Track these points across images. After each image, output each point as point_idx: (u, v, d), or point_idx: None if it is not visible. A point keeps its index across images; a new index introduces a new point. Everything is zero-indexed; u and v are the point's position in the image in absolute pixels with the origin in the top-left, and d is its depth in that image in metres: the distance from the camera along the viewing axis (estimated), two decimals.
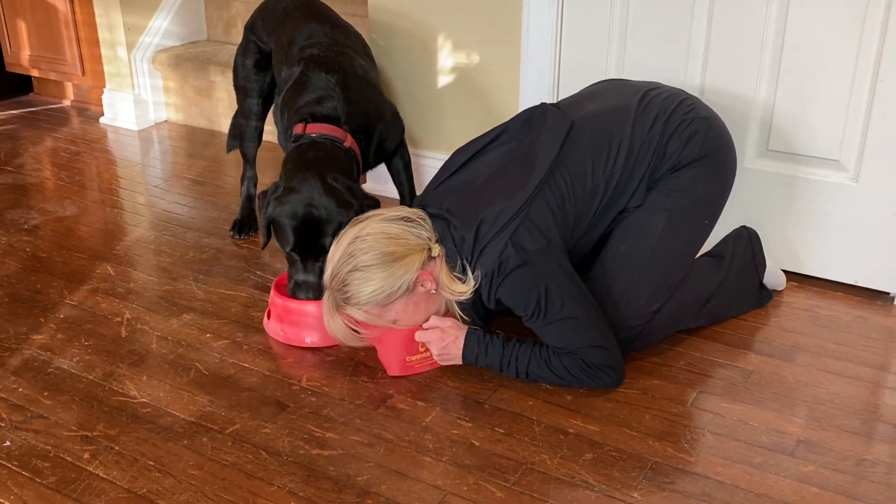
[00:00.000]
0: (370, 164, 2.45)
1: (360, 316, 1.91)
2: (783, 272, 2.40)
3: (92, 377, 2.03)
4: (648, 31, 2.45)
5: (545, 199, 1.92)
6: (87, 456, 1.77)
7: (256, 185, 2.82)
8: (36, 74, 4.10)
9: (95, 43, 3.81)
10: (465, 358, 1.98)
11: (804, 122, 2.32)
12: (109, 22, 3.70)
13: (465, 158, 2.06)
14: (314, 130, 2.24)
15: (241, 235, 2.74)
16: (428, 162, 2.93)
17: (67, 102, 4.19)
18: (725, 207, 2.14)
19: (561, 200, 1.94)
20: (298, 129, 2.26)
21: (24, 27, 3.97)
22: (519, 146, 2.02)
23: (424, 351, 2.01)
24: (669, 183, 2.01)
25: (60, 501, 1.65)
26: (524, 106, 2.65)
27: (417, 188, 2.63)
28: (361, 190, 2.19)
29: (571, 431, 1.84)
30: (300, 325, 2.14)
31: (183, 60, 3.69)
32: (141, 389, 1.99)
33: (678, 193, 2.00)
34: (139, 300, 2.37)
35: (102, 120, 3.89)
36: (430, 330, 1.98)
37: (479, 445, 1.80)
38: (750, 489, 1.67)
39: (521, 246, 1.87)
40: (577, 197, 1.96)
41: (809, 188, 2.36)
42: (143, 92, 3.81)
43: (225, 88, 3.64)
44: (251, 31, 2.69)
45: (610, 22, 2.49)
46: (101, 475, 1.71)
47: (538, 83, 2.65)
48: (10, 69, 4.14)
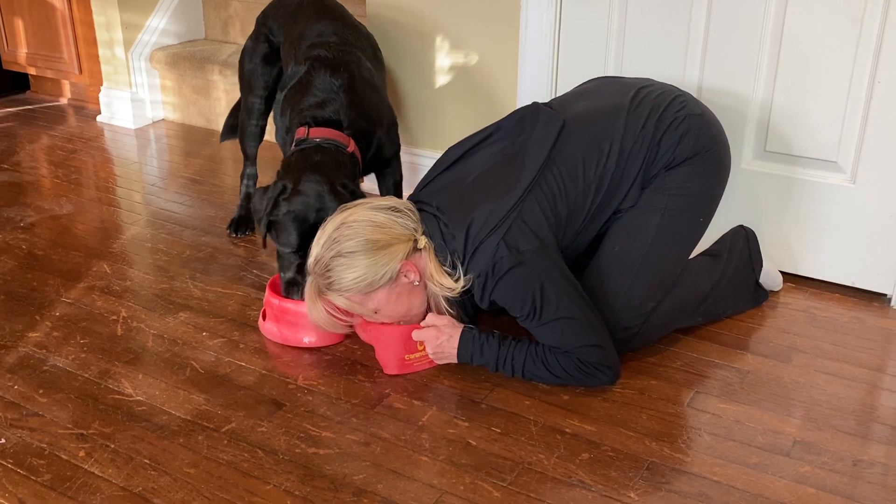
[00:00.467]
0: (363, 170, 2.42)
1: (341, 303, 1.91)
2: (780, 273, 2.40)
3: (87, 375, 2.03)
4: (646, 31, 2.45)
5: (537, 198, 1.92)
6: (82, 454, 1.76)
7: (256, 183, 2.81)
8: (33, 72, 4.09)
9: (93, 41, 3.81)
10: (460, 357, 1.98)
11: (802, 123, 2.32)
12: (107, 20, 3.70)
13: (457, 155, 2.06)
14: (318, 135, 2.22)
15: (238, 234, 2.74)
16: (425, 161, 2.93)
17: (64, 100, 4.19)
18: (723, 208, 2.14)
19: (553, 200, 1.94)
20: (301, 132, 2.25)
21: (21, 25, 3.96)
22: (511, 145, 2.02)
23: (422, 349, 2.01)
24: (664, 181, 2.00)
25: (56, 499, 1.64)
26: (522, 105, 2.64)
27: (413, 188, 2.62)
28: (363, 193, 2.17)
29: (568, 431, 1.84)
30: (297, 325, 2.13)
31: (180, 59, 3.68)
32: (137, 387, 1.98)
33: (673, 192, 2.00)
34: (135, 298, 2.37)
35: (99, 118, 3.88)
36: (426, 328, 1.98)
37: (475, 445, 1.80)
38: (746, 489, 1.67)
39: (514, 246, 1.87)
40: (569, 196, 1.95)
41: (807, 189, 2.36)
42: (140, 90, 3.80)
43: (222, 87, 3.63)
44: (263, 23, 2.68)
45: (608, 22, 2.49)
46: (96, 473, 1.71)
47: (536, 83, 2.65)
48: (6, 67, 4.13)
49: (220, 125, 3.71)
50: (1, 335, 2.19)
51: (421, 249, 1.93)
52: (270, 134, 2.85)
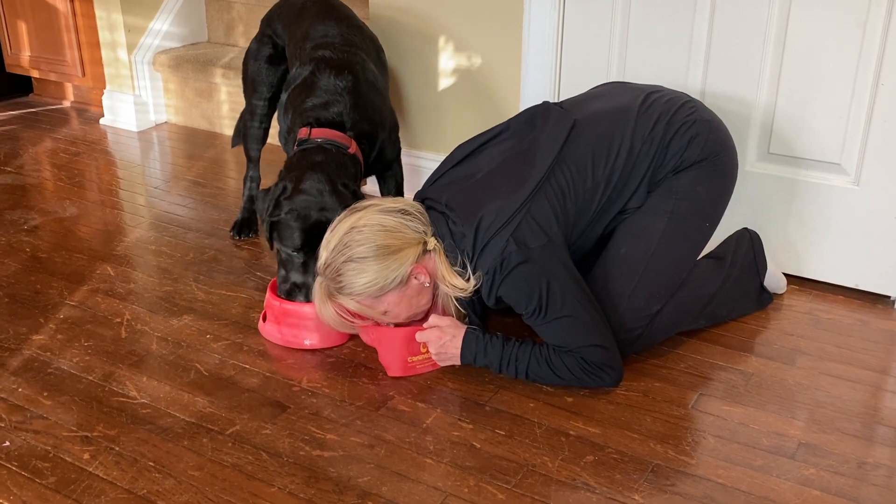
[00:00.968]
0: (365, 172, 2.43)
1: (351, 305, 1.92)
2: (784, 275, 2.40)
3: (92, 378, 2.03)
4: (649, 33, 2.45)
5: (546, 196, 1.92)
6: (86, 456, 1.76)
7: (259, 186, 2.81)
8: (36, 75, 4.10)
9: (96, 44, 3.81)
10: (463, 357, 1.98)
11: (805, 125, 2.32)
12: (110, 23, 3.70)
13: (466, 153, 2.07)
14: (319, 135, 2.23)
15: (240, 236, 2.74)
16: (428, 164, 2.93)
17: (67, 103, 4.19)
18: (727, 211, 2.13)
19: (562, 198, 1.94)
20: (303, 132, 2.25)
21: (24, 28, 3.97)
22: (520, 143, 2.03)
23: (426, 351, 2.01)
24: (671, 185, 2.01)
25: (60, 502, 1.64)
26: (525, 108, 2.64)
27: (415, 190, 2.62)
28: (363, 195, 2.19)
29: (572, 433, 1.84)
30: (299, 327, 2.13)
31: (183, 62, 3.69)
32: (141, 390, 1.98)
33: (679, 195, 2.00)
34: (139, 301, 2.37)
35: (102, 121, 3.89)
36: (428, 329, 1.98)
37: (479, 447, 1.80)
38: (751, 492, 1.67)
39: (523, 243, 1.87)
40: (577, 194, 1.96)
41: (810, 191, 2.36)
42: (143, 93, 3.81)
43: (225, 90, 3.64)
44: (268, 23, 2.69)
45: (611, 24, 2.49)
46: (100, 476, 1.71)
47: (539, 86, 2.65)
48: (10, 70, 4.14)
49: (222, 128, 3.72)
50: (5, 338, 2.19)
51: (431, 251, 1.93)
52: (274, 137, 2.85)
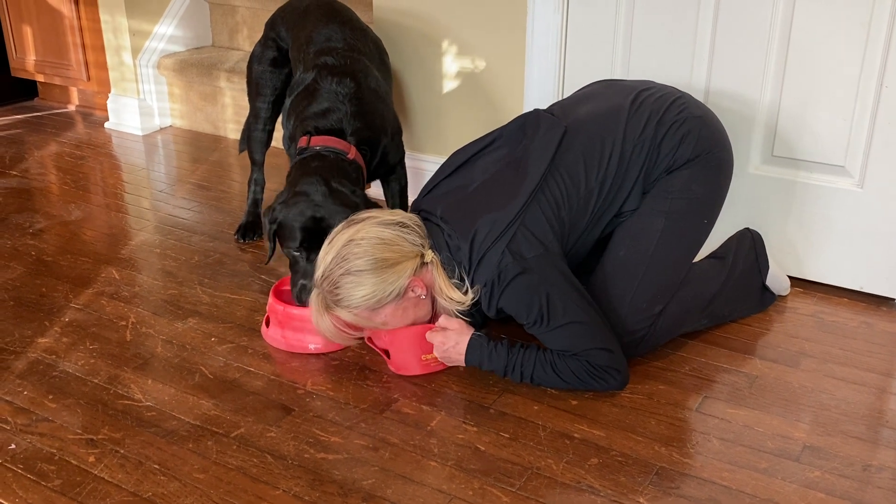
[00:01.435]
0: (369, 177, 2.44)
1: (348, 318, 1.92)
2: (788, 277, 2.40)
3: (97, 381, 2.03)
4: (653, 36, 2.45)
5: (540, 205, 1.93)
6: (92, 459, 1.77)
7: (263, 189, 2.82)
8: (41, 79, 4.11)
9: (101, 48, 3.82)
10: (468, 362, 1.99)
11: (809, 128, 2.32)
12: (115, 27, 3.71)
13: (460, 161, 2.07)
14: (318, 143, 2.24)
15: (245, 240, 2.74)
16: (432, 167, 2.93)
17: (72, 107, 4.20)
18: (731, 213, 2.14)
19: (556, 206, 1.94)
20: (303, 142, 2.27)
21: (29, 32, 3.98)
22: (513, 152, 2.03)
23: None
24: (666, 185, 2.00)
25: None
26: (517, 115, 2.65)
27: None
28: (365, 195, 2.20)
29: (577, 436, 1.84)
30: (304, 331, 2.13)
31: (188, 66, 3.70)
32: (146, 393, 1.99)
33: (675, 195, 2.00)
34: (144, 304, 2.38)
35: (107, 125, 3.90)
36: (436, 332, 1.99)
37: (484, 450, 1.80)
38: (756, 494, 1.67)
39: (518, 253, 1.88)
40: (571, 202, 1.96)
41: (814, 194, 2.36)
42: (147, 97, 3.82)
43: (230, 94, 3.64)
44: (272, 27, 2.69)
45: (614, 27, 2.50)
46: (106, 478, 1.71)
47: (543, 89, 2.65)
48: (15, 74, 4.15)
49: (227, 131, 3.73)
50: (10, 341, 2.20)
51: (428, 263, 1.93)
52: (278, 141, 2.86)
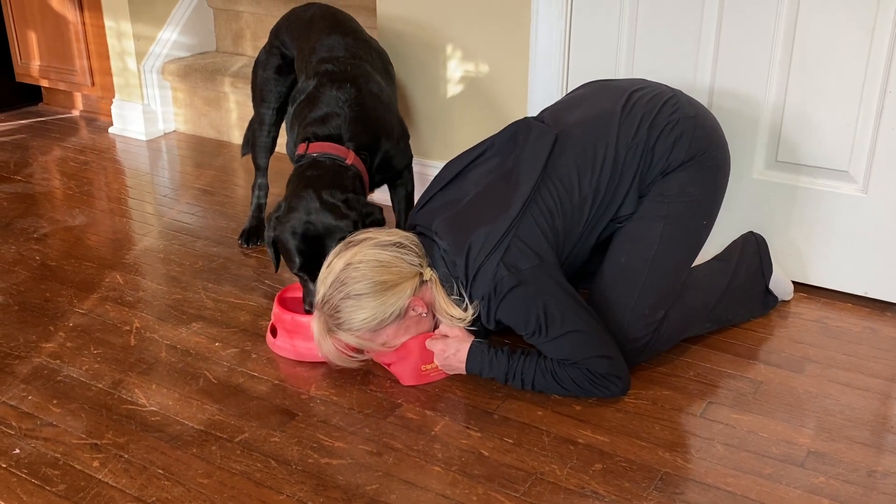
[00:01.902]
0: (375, 183, 2.43)
1: (350, 340, 1.92)
2: (792, 283, 2.40)
3: (101, 385, 2.03)
4: (657, 40, 2.45)
5: (533, 215, 1.92)
6: (96, 464, 1.77)
7: (267, 194, 2.82)
8: (45, 85, 4.12)
9: (105, 54, 3.83)
10: (468, 370, 1.99)
11: (813, 133, 2.32)
12: (119, 33, 3.72)
13: (453, 174, 2.07)
14: (315, 150, 2.24)
15: (249, 244, 2.75)
16: (432, 172, 2.94)
17: (76, 112, 4.21)
18: (735, 218, 2.13)
19: (550, 216, 1.94)
20: (301, 148, 2.27)
21: (34, 38, 3.99)
22: (505, 162, 2.02)
23: None
24: (662, 188, 1.99)
25: None
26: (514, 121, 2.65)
27: None
28: (360, 200, 2.17)
29: (581, 442, 1.83)
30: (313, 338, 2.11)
31: (192, 71, 3.71)
32: (150, 398, 1.99)
33: (672, 198, 1.99)
34: (148, 309, 2.38)
35: (111, 130, 3.91)
36: (436, 340, 1.99)
37: (488, 455, 1.80)
38: (760, 500, 1.67)
39: (513, 266, 1.87)
40: (565, 211, 1.95)
41: (818, 199, 2.36)
42: (152, 102, 3.83)
43: (234, 99, 3.65)
44: (276, 35, 2.70)
45: (618, 31, 2.50)
46: (110, 483, 1.71)
47: (546, 93, 2.65)
48: (19, 79, 4.16)
49: (231, 137, 3.74)
50: (15, 345, 2.20)
51: (427, 281, 1.93)
52: (282, 146, 2.86)
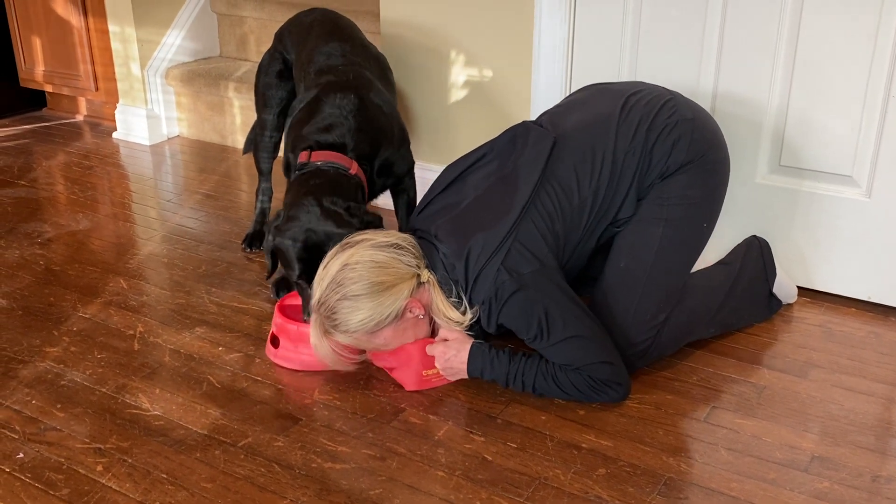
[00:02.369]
0: (376, 189, 2.41)
1: (347, 341, 1.92)
2: (796, 286, 2.39)
3: (105, 390, 2.04)
4: (660, 44, 2.45)
5: (533, 219, 1.92)
6: (100, 468, 1.77)
7: (271, 198, 2.82)
8: (49, 90, 4.13)
9: (109, 59, 3.84)
10: (469, 371, 1.98)
11: (816, 137, 2.32)
12: (123, 38, 3.73)
13: (452, 177, 2.07)
14: (319, 158, 2.22)
15: (252, 249, 2.75)
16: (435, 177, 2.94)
17: (80, 117, 4.22)
18: (738, 222, 2.13)
19: (549, 219, 1.93)
20: (303, 157, 2.24)
21: (38, 43, 4.00)
22: (504, 165, 2.02)
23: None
24: (662, 191, 1.99)
25: None
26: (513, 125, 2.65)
27: None
28: (361, 208, 2.16)
29: (585, 446, 1.83)
30: None
31: (196, 76, 3.71)
32: (154, 402, 1.99)
33: (672, 201, 1.99)
34: (152, 313, 2.38)
35: (115, 135, 3.91)
36: (436, 343, 1.98)
37: (491, 460, 1.80)
38: None
39: (514, 270, 1.87)
40: (565, 214, 1.95)
41: (822, 204, 2.36)
42: (155, 107, 3.83)
43: (237, 104, 3.66)
44: (280, 40, 2.70)
45: (621, 35, 2.50)
46: (113, 487, 1.72)
47: (549, 96, 2.65)
48: (23, 84, 4.17)
49: (234, 141, 3.74)
50: (19, 350, 2.20)
51: (425, 283, 1.93)
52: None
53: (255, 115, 2.83)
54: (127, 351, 2.20)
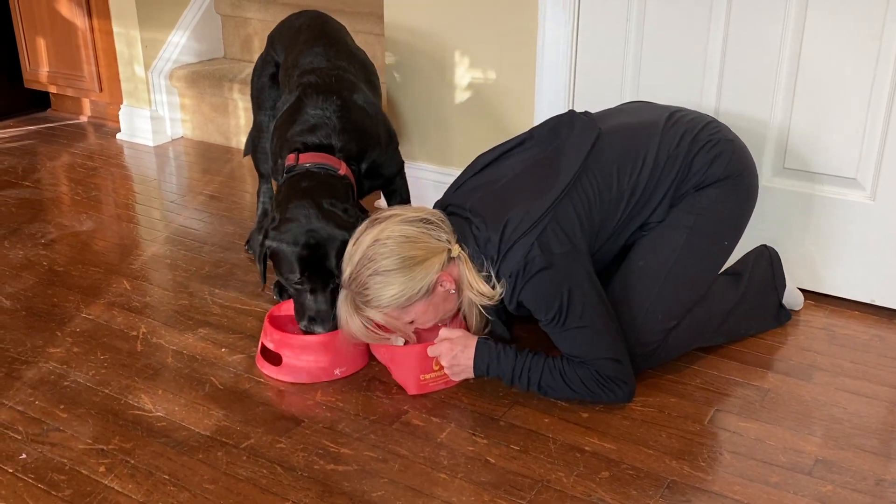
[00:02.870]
0: (364, 190, 2.38)
1: (378, 318, 1.91)
2: (800, 290, 2.39)
3: (108, 391, 2.04)
4: (663, 52, 2.45)
5: (572, 202, 1.92)
6: (102, 469, 1.77)
7: (272, 199, 2.82)
8: (54, 91, 4.14)
9: (113, 60, 3.85)
10: (476, 368, 1.97)
11: (821, 140, 2.32)
12: (127, 39, 3.74)
13: (487, 161, 2.07)
14: (307, 160, 2.19)
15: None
16: (445, 178, 2.94)
17: (84, 118, 4.23)
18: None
19: (588, 205, 1.94)
20: (291, 159, 2.22)
21: (42, 44, 4.01)
22: (544, 151, 2.03)
23: (438, 368, 2.01)
24: (693, 201, 2.01)
25: None
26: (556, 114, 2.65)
27: (424, 204, 2.61)
28: (357, 210, 2.16)
29: (587, 449, 1.83)
30: (327, 352, 2.07)
31: (200, 77, 3.72)
32: (156, 403, 1.99)
33: (701, 212, 2.00)
34: (155, 314, 2.38)
35: (119, 136, 3.92)
36: (439, 343, 1.98)
37: (494, 462, 1.79)
38: None
39: (547, 248, 1.87)
40: (602, 203, 1.96)
41: (826, 207, 2.35)
42: (159, 108, 3.84)
43: (241, 105, 3.66)
44: (271, 43, 2.70)
45: (625, 43, 2.50)
46: (116, 489, 1.72)
47: (553, 101, 2.65)
48: (28, 85, 4.17)
49: (238, 143, 3.74)
50: (22, 351, 2.21)
51: (455, 258, 1.93)
52: None
53: None
54: (130, 352, 2.20)
